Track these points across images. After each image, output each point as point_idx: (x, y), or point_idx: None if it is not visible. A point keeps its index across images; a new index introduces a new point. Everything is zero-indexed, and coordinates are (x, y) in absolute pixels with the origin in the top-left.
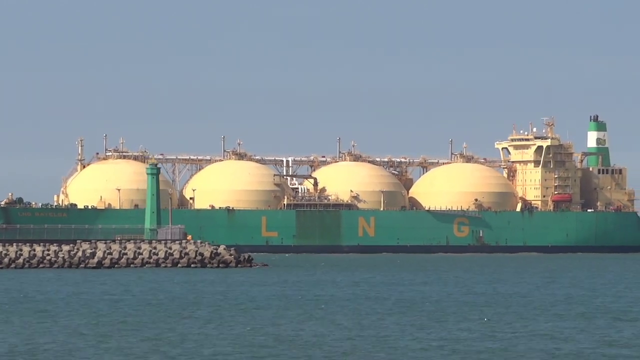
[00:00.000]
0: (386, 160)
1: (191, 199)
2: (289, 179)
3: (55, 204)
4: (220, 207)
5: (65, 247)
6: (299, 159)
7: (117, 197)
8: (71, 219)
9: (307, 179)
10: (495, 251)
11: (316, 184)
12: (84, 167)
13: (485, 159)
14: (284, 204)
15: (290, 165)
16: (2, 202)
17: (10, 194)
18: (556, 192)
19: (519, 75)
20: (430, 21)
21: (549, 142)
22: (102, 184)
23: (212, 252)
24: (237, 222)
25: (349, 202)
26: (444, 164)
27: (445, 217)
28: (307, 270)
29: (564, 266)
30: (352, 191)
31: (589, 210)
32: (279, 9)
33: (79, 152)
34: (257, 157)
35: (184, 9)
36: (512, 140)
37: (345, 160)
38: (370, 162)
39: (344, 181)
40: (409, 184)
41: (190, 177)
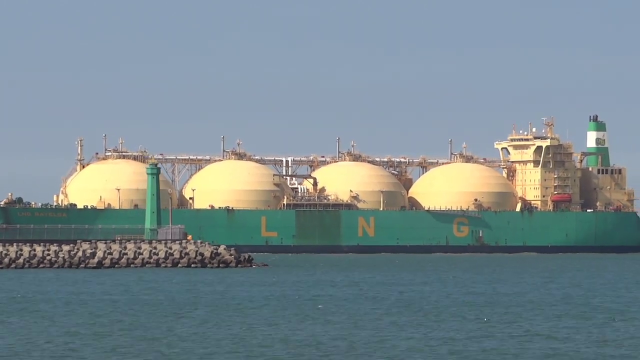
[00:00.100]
0: (386, 160)
1: (191, 199)
2: (288, 179)
3: (54, 204)
4: (219, 207)
5: (65, 247)
6: (299, 159)
7: (117, 197)
8: (71, 219)
9: (306, 179)
10: (494, 251)
11: (316, 184)
12: (84, 167)
13: (484, 159)
14: (284, 204)
15: (289, 165)
16: (2, 202)
17: (9, 194)
18: (556, 192)
19: (518, 75)
20: (429, 21)
21: (548, 142)
22: (101, 184)
23: (212, 252)
24: (237, 222)
25: (349, 202)
26: (443, 164)
27: (444, 217)
28: (307, 270)
29: (563, 266)
30: (351, 191)
31: (588, 210)
32: (278, 9)
33: (79, 152)
34: (256, 157)
35: (184, 9)
36: (512, 140)
37: (344, 160)
38: (369, 162)
39: (344, 181)
40: (408, 184)
41: (189, 177)
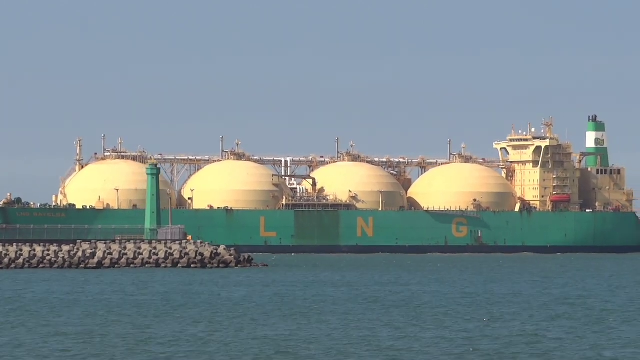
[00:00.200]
0: (385, 160)
1: (189, 199)
2: (287, 179)
3: (53, 204)
4: (218, 207)
5: (65, 247)
6: (298, 159)
7: (116, 198)
8: (70, 219)
9: (305, 179)
10: (494, 251)
11: (315, 184)
12: (83, 167)
13: (483, 159)
14: (283, 204)
15: (288, 165)
16: (1, 202)
17: (8, 194)
18: (555, 193)
19: (517, 75)
20: (429, 21)
21: (547, 143)
22: (100, 184)
23: (212, 252)
24: (236, 222)
25: (348, 202)
26: (442, 164)
27: (443, 217)
28: (306, 270)
29: (563, 266)
30: (350, 191)
31: (587, 210)
32: (277, 9)
33: (78, 152)
34: (255, 158)
35: (183, 9)
36: (511, 140)
37: (343, 160)
38: (368, 162)
39: (343, 181)
40: (407, 184)
41: (188, 177)
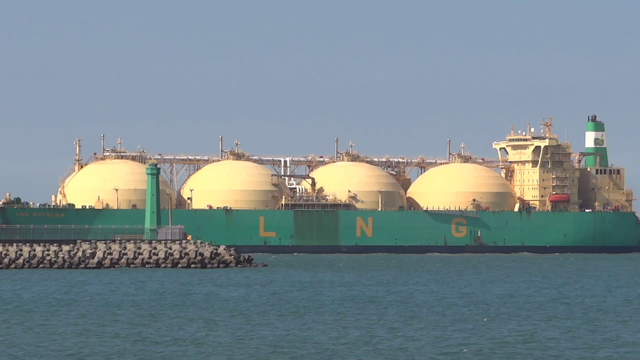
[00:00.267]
0: (384, 160)
1: (189, 199)
2: (286, 179)
3: (53, 204)
4: (218, 207)
5: (65, 247)
6: (297, 159)
7: (115, 197)
8: (69, 219)
9: (304, 179)
10: (493, 251)
11: (314, 184)
12: (82, 167)
13: (483, 159)
14: (282, 204)
15: (288, 165)
16: (0, 203)
17: (8, 194)
18: (554, 192)
19: (516, 75)
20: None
21: (546, 142)
22: (99, 184)
23: (212, 252)
24: (235, 222)
25: (347, 202)
26: (441, 164)
27: (443, 217)
28: (305, 270)
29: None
30: (349, 191)
31: (587, 210)
32: (277, 9)
33: (77, 152)
34: (254, 157)
35: (182, 9)
36: (510, 140)
37: (343, 160)
38: (368, 162)
39: (342, 181)
40: (406, 184)
41: (187, 177)
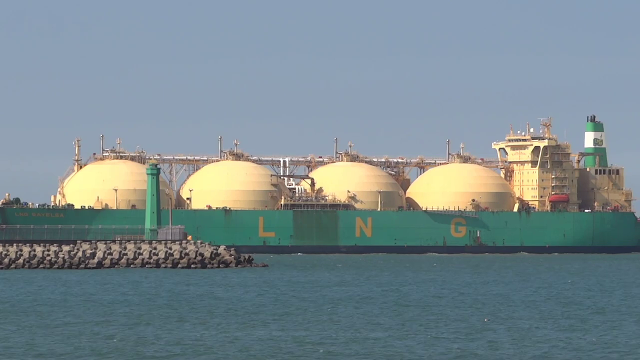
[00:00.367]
0: (383, 160)
1: (188, 199)
2: (286, 179)
3: (52, 204)
4: (217, 208)
5: (65, 248)
6: (296, 159)
7: (114, 198)
8: (68, 219)
9: (304, 179)
10: (492, 252)
11: (313, 185)
12: (81, 167)
13: (482, 160)
14: (281, 205)
15: (287, 165)
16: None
17: (7, 194)
18: (553, 193)
19: (516, 75)
20: (428, 22)
21: (546, 143)
22: (99, 184)
23: (212, 252)
24: (235, 223)
25: (346, 202)
26: (441, 164)
27: (442, 217)
28: (306, 270)
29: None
30: (349, 191)
31: (586, 210)
32: (276, 10)
33: (76, 152)
34: (254, 158)
35: (182, 9)
36: (510, 140)
37: (342, 160)
38: (367, 162)
39: (341, 181)
40: (406, 185)
41: (187, 178)
